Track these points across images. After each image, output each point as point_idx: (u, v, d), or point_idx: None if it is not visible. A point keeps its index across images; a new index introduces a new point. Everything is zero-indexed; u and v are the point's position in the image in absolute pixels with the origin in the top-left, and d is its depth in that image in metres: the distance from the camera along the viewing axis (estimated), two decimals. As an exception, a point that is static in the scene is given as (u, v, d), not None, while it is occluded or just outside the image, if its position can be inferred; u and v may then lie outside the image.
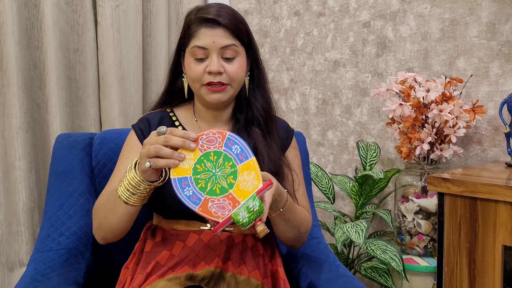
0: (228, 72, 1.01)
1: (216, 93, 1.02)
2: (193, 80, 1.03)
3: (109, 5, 1.78)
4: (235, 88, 1.05)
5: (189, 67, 1.03)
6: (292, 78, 2.06)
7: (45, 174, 1.73)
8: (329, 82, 1.94)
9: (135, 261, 1.04)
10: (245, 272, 1.00)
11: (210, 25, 1.00)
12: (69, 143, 1.26)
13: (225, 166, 0.83)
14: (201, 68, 1.01)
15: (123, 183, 0.91)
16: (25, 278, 1.07)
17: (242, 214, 0.82)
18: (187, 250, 1.00)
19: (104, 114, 1.85)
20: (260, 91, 1.11)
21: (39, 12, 1.71)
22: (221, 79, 1.01)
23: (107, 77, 1.81)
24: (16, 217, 1.69)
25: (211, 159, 0.83)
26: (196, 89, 1.05)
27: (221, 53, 1.01)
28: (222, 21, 1.00)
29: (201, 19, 1.01)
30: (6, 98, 1.66)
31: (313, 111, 2.00)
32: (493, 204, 1.12)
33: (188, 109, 1.13)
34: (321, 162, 1.99)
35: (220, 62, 1.01)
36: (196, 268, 0.97)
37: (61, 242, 1.17)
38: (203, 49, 1.00)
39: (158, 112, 1.12)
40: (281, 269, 1.07)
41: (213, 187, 0.83)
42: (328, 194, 1.70)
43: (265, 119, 1.09)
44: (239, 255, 1.02)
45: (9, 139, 1.67)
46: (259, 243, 1.07)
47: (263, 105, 1.10)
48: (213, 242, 1.01)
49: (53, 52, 1.69)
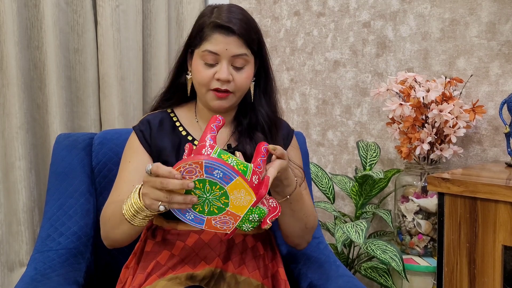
0: (236, 82, 1.01)
1: (220, 100, 1.02)
2: (200, 84, 1.03)
3: (109, 5, 1.78)
4: (238, 97, 1.05)
5: (197, 70, 1.02)
6: (292, 78, 2.06)
7: (45, 174, 1.73)
8: (329, 82, 1.94)
9: (135, 261, 1.04)
10: (245, 272, 1.00)
11: (225, 32, 0.99)
12: (69, 143, 1.26)
13: (214, 190, 0.82)
14: (210, 73, 1.00)
15: (127, 203, 0.90)
16: (25, 278, 1.07)
17: (246, 226, 0.85)
18: (187, 250, 1.00)
19: (104, 114, 1.85)
20: (266, 98, 1.10)
21: (39, 12, 1.71)
22: (228, 87, 1.01)
23: (107, 77, 1.81)
24: (16, 217, 1.69)
25: (198, 187, 0.81)
26: (202, 93, 1.04)
27: (231, 61, 1.01)
28: (237, 30, 0.99)
29: (215, 24, 1.00)
30: (6, 98, 1.66)
31: (313, 111, 2.00)
32: (493, 204, 1.12)
33: (190, 109, 1.13)
34: (321, 162, 1.99)
35: (229, 70, 1.00)
36: (196, 268, 0.97)
37: (61, 242, 1.17)
38: (214, 55, 1.00)
39: (158, 112, 1.12)
40: (282, 270, 1.07)
41: (210, 209, 0.84)
42: (328, 194, 1.70)
43: (269, 125, 1.08)
44: (239, 255, 1.02)
45: (9, 139, 1.67)
46: (259, 243, 1.07)
47: (268, 112, 1.09)
48: (213, 242, 1.01)
49: (53, 52, 1.69)
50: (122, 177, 1.04)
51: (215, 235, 1.01)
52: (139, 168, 1.02)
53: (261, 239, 1.08)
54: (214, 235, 1.01)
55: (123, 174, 1.04)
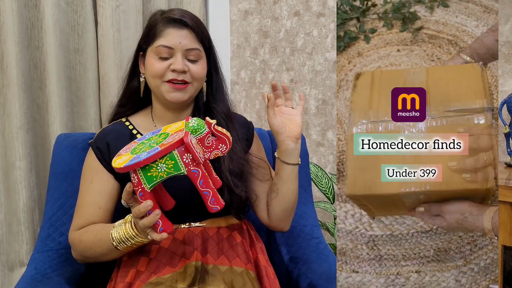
0: (192, 72, 1.04)
1: (177, 92, 1.04)
2: (154, 76, 1.04)
3: (109, 5, 1.78)
4: (195, 87, 1.07)
5: (151, 63, 1.04)
6: (292, 78, 2.06)
7: (45, 174, 1.73)
8: (329, 82, 1.94)
9: (116, 272, 1.05)
10: (226, 262, 1.00)
11: (177, 25, 1.03)
12: (69, 143, 1.26)
13: (151, 139, 0.86)
14: (164, 65, 1.03)
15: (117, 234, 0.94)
16: (25, 278, 1.07)
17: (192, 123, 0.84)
18: (164, 251, 1.00)
19: (104, 114, 1.84)
20: (219, 95, 1.13)
21: (39, 12, 1.71)
22: (184, 78, 1.03)
23: (108, 77, 1.81)
24: (16, 217, 1.69)
25: (136, 148, 0.86)
26: (156, 86, 1.05)
27: (185, 55, 1.03)
28: (189, 22, 1.03)
29: (168, 19, 1.04)
30: (6, 98, 1.66)
31: (313, 111, 2.00)
32: (493, 204, 1.12)
33: (146, 115, 1.14)
34: (321, 162, 1.99)
35: (184, 62, 1.03)
36: (177, 267, 0.97)
37: (61, 242, 1.17)
38: (168, 49, 1.02)
39: (113, 125, 1.13)
40: (261, 256, 1.08)
41: (157, 142, 0.85)
42: (328, 194, 1.71)
43: (226, 122, 1.10)
44: (216, 246, 1.02)
45: (9, 139, 1.67)
46: (235, 232, 1.08)
47: (222, 109, 1.12)
48: (188, 238, 1.02)
49: (53, 52, 1.69)
50: (87, 200, 1.05)
51: (189, 231, 1.03)
52: (103, 190, 1.05)
53: (236, 228, 1.09)
54: (188, 231, 1.02)
55: (88, 197, 1.05)
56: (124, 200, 0.86)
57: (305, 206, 1.32)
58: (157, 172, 0.81)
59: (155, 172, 0.81)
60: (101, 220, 1.03)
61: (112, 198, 1.06)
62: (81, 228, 1.03)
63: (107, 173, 1.06)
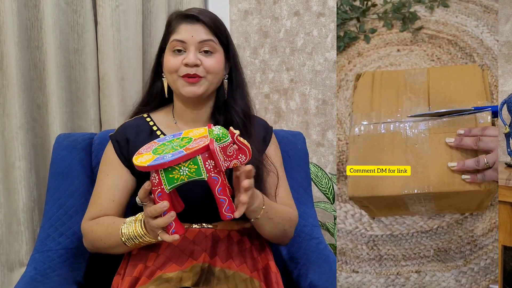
0: (205, 65, 1.04)
1: (191, 86, 1.04)
2: (170, 72, 1.06)
3: (109, 5, 1.78)
4: (210, 81, 1.06)
5: (167, 59, 1.06)
6: (292, 78, 2.06)
7: (45, 174, 1.73)
8: (329, 82, 1.94)
9: (124, 266, 1.05)
10: (233, 266, 1.00)
11: (190, 20, 1.05)
12: (69, 143, 1.26)
13: (173, 141, 0.87)
14: (178, 60, 1.04)
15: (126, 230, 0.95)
16: (25, 278, 1.07)
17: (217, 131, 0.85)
18: (173, 249, 1.00)
19: (104, 114, 1.85)
20: (239, 94, 1.13)
21: (39, 12, 1.71)
22: (197, 71, 1.04)
23: (107, 77, 1.81)
24: (16, 217, 1.69)
25: (157, 148, 0.87)
26: (173, 81, 1.06)
27: (199, 48, 1.04)
28: (202, 18, 1.05)
29: (181, 16, 1.06)
30: (6, 98, 1.66)
31: (313, 111, 2.00)
32: (493, 204, 1.12)
33: (167, 112, 1.15)
34: (321, 162, 1.99)
35: (197, 55, 1.04)
36: (184, 266, 0.97)
37: (61, 242, 1.17)
38: (181, 43, 1.04)
39: (135, 119, 1.13)
40: (272, 263, 1.08)
41: (180, 145, 0.86)
42: (328, 194, 1.71)
43: (244, 122, 1.10)
44: (225, 249, 1.02)
45: (9, 139, 1.67)
46: (245, 237, 1.07)
47: (242, 108, 1.12)
48: (199, 239, 1.02)
49: (53, 53, 1.69)
50: (102, 191, 1.06)
51: (200, 231, 1.02)
52: (118, 184, 1.06)
53: (247, 233, 1.09)
54: (199, 232, 1.02)
55: (103, 189, 1.06)
56: (140, 198, 0.87)
57: (305, 206, 1.32)
58: (179, 175, 0.82)
59: (177, 175, 0.82)
60: (114, 213, 1.05)
61: (126, 192, 1.07)
62: (94, 219, 1.04)
63: (123, 167, 1.07)
